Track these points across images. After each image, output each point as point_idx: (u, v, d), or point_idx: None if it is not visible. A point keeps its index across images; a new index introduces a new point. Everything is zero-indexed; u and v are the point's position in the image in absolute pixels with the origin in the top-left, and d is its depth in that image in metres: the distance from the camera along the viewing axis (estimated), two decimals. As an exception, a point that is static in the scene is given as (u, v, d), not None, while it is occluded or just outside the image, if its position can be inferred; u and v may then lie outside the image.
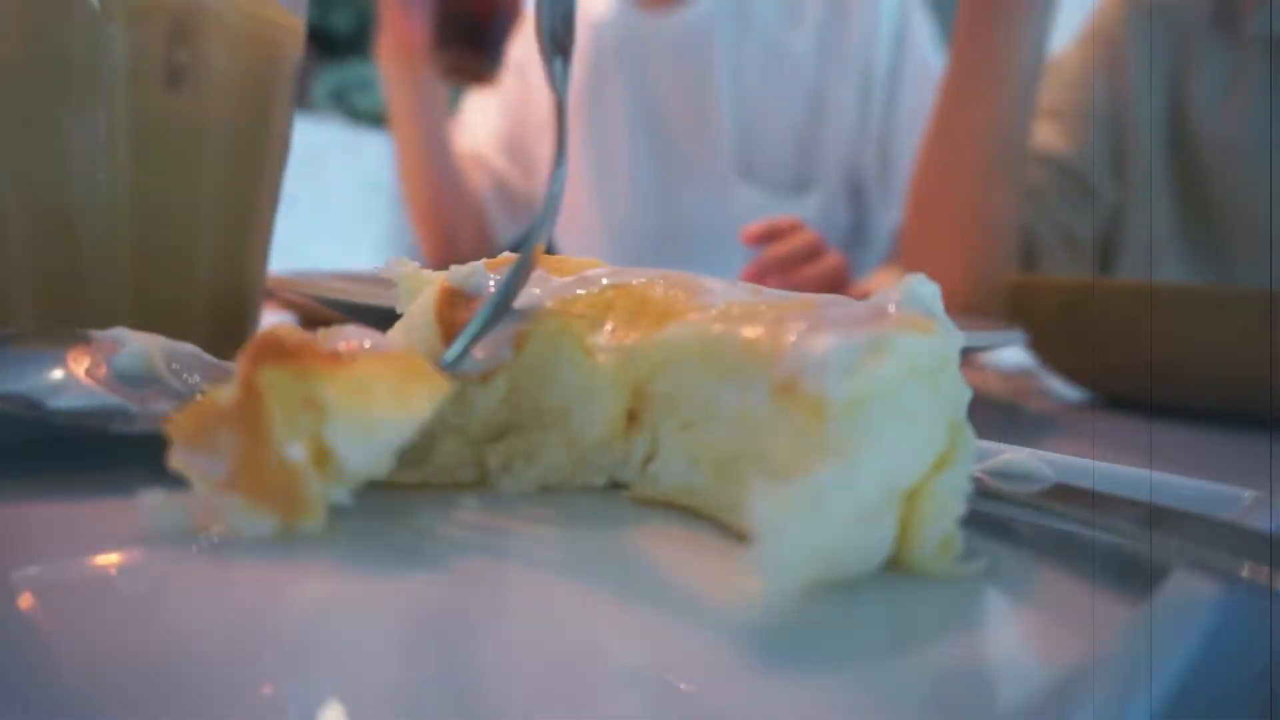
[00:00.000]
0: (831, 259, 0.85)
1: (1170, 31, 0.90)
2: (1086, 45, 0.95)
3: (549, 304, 0.30)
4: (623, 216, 1.33)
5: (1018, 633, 0.22)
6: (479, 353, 0.29)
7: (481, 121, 1.44)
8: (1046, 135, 0.94)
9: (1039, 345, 0.63)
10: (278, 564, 0.24)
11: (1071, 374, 0.65)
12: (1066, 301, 0.60)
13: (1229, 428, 0.54)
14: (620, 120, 1.31)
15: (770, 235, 0.84)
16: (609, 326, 0.30)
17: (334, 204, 2.87)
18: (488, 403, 0.29)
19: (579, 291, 0.30)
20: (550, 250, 0.33)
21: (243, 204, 0.45)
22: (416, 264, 0.33)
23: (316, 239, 2.80)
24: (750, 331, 0.27)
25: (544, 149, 1.38)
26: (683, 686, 0.18)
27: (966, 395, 0.26)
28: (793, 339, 0.25)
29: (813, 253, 0.84)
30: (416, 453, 0.29)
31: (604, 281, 0.31)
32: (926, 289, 0.26)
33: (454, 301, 0.31)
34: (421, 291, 0.32)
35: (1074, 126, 0.93)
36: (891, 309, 0.25)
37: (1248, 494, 0.28)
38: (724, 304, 0.29)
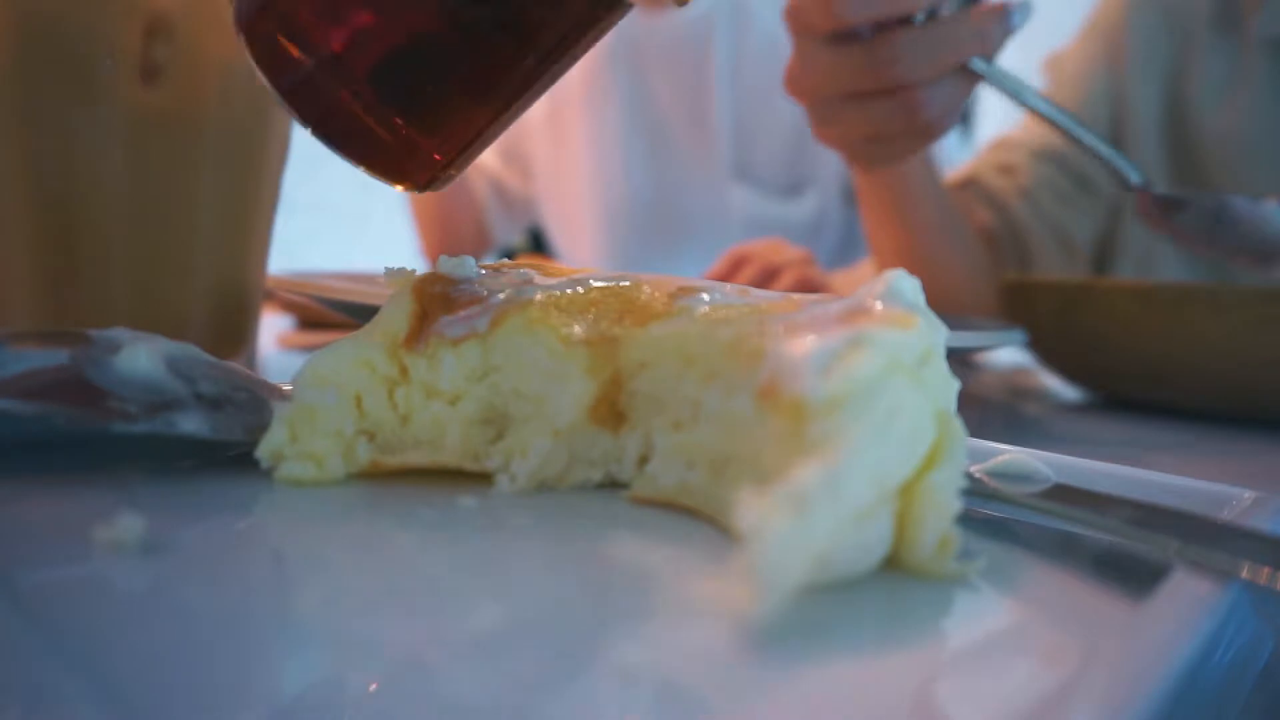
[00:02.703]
0: (788, 277, 0.87)
1: (1171, 29, 0.90)
2: (1087, 40, 0.95)
3: (534, 296, 0.31)
4: (618, 217, 1.33)
5: (1017, 633, 0.22)
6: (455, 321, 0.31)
7: None
8: (1044, 129, 0.93)
9: (1038, 345, 0.63)
10: (271, 564, 0.24)
11: (1070, 374, 0.65)
12: (1065, 301, 0.60)
13: (1229, 428, 0.54)
14: (616, 120, 1.30)
15: (733, 267, 0.87)
16: (589, 318, 0.30)
17: (334, 204, 2.87)
18: (459, 367, 0.30)
19: (566, 290, 0.31)
20: (544, 251, 0.33)
21: (242, 204, 0.45)
22: (416, 270, 0.34)
23: (316, 239, 2.80)
24: (730, 335, 0.27)
25: (540, 150, 1.39)
26: (679, 685, 0.18)
27: (954, 387, 0.25)
28: (772, 342, 0.25)
29: (769, 276, 0.86)
30: (413, 435, 0.30)
31: (591, 283, 0.31)
32: (907, 283, 0.26)
33: (436, 280, 0.32)
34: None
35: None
36: (872, 305, 0.25)
37: (1247, 494, 0.28)
38: (708, 307, 0.29)
